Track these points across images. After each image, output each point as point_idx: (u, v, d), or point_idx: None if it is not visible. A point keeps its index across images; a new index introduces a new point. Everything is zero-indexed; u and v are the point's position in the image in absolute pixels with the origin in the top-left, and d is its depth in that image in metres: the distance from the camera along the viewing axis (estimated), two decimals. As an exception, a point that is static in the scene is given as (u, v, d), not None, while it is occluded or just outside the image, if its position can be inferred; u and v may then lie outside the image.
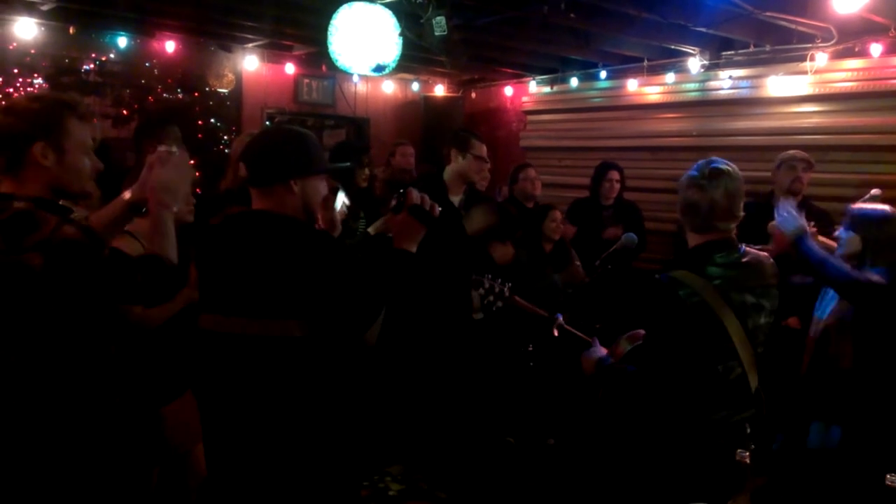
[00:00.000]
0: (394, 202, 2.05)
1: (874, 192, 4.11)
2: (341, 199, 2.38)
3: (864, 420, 2.81)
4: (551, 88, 6.93)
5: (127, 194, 2.12)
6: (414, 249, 2.02)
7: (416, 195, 2.03)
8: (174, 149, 2.10)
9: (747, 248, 2.31)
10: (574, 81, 6.60)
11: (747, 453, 1.72)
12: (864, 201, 4.07)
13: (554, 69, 6.77)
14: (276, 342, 1.80)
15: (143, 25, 5.77)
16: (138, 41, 5.96)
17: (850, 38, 4.82)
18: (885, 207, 2.89)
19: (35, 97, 1.96)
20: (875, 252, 2.88)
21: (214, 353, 1.88)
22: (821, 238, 3.29)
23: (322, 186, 2.01)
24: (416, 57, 5.97)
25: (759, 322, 2.22)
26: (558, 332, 2.71)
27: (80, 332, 1.86)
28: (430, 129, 7.17)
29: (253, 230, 1.90)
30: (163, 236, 1.98)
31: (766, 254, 2.36)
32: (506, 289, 2.71)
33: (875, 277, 2.80)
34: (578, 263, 4.64)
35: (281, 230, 1.88)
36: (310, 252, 1.84)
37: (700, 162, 2.30)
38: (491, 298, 2.73)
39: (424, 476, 4.15)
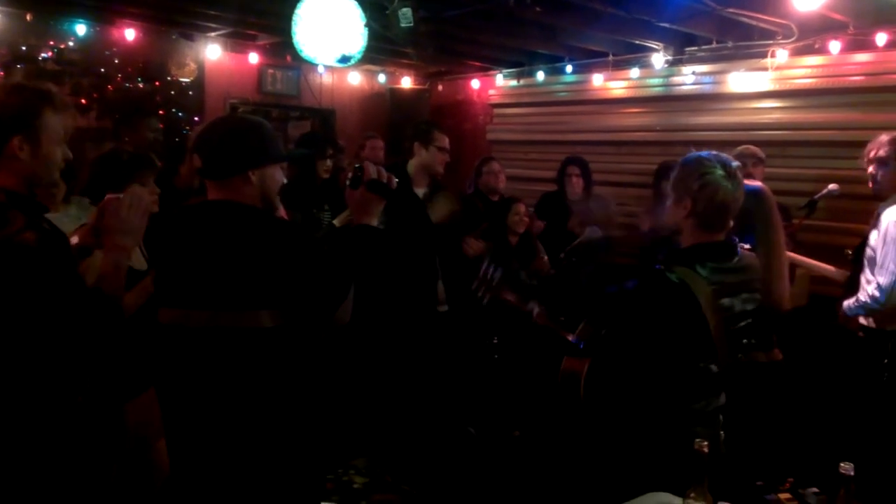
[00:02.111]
0: (350, 177, 2.04)
1: (831, 186, 4.19)
2: None
3: None
4: (518, 82, 6.95)
5: (74, 238, 2.10)
6: (374, 223, 2.03)
7: (372, 169, 2.03)
8: (121, 195, 2.07)
9: (742, 250, 2.29)
10: (540, 75, 6.62)
11: (706, 443, 1.74)
12: (822, 196, 4.17)
13: (521, 63, 6.78)
14: (245, 334, 1.78)
15: (103, 13, 5.64)
16: (97, 29, 5.82)
17: (810, 35, 4.89)
18: (758, 184, 2.90)
19: (14, 90, 1.94)
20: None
21: (179, 348, 1.85)
22: None
23: (279, 174, 1.99)
24: (382, 48, 5.93)
25: (741, 325, 2.26)
26: (540, 322, 2.72)
27: (32, 334, 1.81)
28: (396, 121, 7.12)
29: (214, 221, 1.88)
30: (114, 276, 1.95)
31: (752, 253, 2.37)
32: (497, 275, 2.69)
33: None
34: (545, 257, 4.66)
35: (243, 220, 1.86)
36: (274, 240, 1.83)
37: (709, 154, 2.24)
38: (483, 289, 2.71)
39: (389, 469, 4.15)
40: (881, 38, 4.51)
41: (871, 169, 3.54)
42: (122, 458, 2.67)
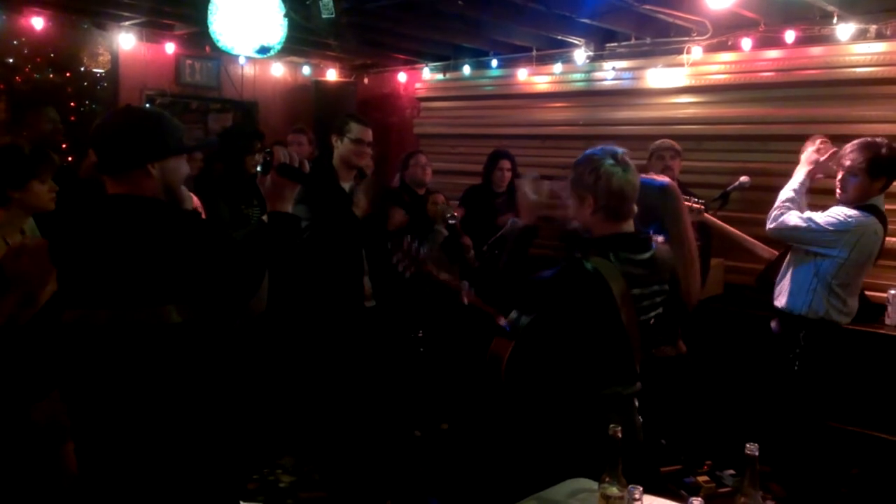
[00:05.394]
0: (260, 162, 2.01)
1: (743, 179, 4.35)
2: None
3: None
4: (444, 76, 6.95)
5: None
6: (289, 209, 2.00)
7: (282, 153, 2.00)
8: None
9: (657, 244, 2.34)
10: (466, 69, 6.64)
11: (619, 428, 1.79)
12: (734, 188, 4.32)
13: (446, 56, 6.78)
14: (153, 330, 1.73)
15: (10, 1, 5.37)
16: (4, 17, 5.54)
17: (724, 32, 5.04)
18: (665, 179, 2.99)
19: None
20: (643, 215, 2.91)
21: (86, 348, 1.78)
22: None
23: (183, 166, 1.94)
24: (306, 40, 5.84)
25: (651, 315, 2.32)
26: (467, 301, 2.73)
27: None
28: (322, 114, 6.99)
29: (115, 216, 1.81)
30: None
31: (666, 246, 2.42)
32: (422, 251, 2.67)
33: None
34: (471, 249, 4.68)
35: (144, 213, 1.80)
36: (179, 232, 1.78)
37: (598, 150, 2.27)
38: (406, 262, 2.67)
39: (317, 467, 4.10)
40: (790, 36, 4.68)
41: (840, 176, 3.37)
42: (29, 462, 2.57)
